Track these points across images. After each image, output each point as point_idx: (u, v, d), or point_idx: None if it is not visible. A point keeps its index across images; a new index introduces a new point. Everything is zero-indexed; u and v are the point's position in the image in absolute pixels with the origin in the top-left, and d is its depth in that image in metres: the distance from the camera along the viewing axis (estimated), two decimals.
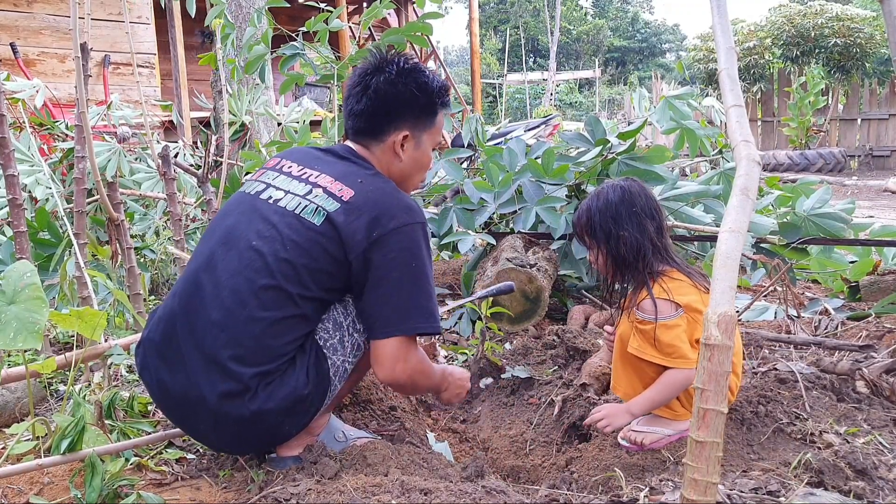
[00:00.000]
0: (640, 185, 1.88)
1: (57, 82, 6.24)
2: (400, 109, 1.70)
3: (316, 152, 1.74)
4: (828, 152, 11.85)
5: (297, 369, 1.54)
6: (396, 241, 1.54)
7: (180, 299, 1.58)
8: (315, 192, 1.59)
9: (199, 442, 1.74)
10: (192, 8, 3.64)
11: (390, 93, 1.68)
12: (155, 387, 1.60)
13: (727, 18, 1.52)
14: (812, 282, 3.79)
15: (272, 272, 1.51)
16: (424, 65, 1.79)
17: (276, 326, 1.51)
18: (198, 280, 1.57)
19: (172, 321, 1.57)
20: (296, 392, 1.52)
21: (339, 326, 1.60)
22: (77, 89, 2.47)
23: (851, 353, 2.29)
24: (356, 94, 1.71)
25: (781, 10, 15.57)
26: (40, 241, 3.17)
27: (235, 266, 1.54)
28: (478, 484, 1.52)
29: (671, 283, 1.79)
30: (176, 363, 1.55)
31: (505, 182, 3.38)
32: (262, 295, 1.50)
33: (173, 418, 1.66)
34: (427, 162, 1.79)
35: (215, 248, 1.60)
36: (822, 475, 1.49)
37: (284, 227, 1.55)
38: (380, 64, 1.71)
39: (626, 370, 1.89)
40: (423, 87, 1.70)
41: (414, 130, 1.72)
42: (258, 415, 1.50)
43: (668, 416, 1.85)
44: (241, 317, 1.50)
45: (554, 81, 26.67)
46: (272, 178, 1.69)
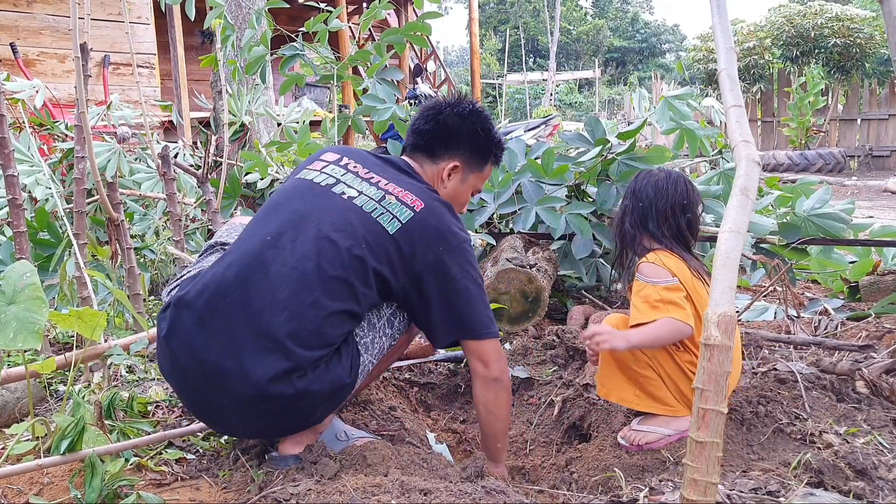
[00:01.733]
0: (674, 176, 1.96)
1: (57, 82, 6.24)
2: (459, 141, 1.84)
3: (375, 158, 1.83)
4: (827, 152, 11.85)
5: (342, 359, 1.59)
6: (462, 253, 1.68)
7: (238, 270, 1.57)
8: (388, 198, 1.67)
9: (210, 424, 1.70)
10: (191, 11, 3.64)
11: (457, 125, 1.83)
12: (182, 352, 1.55)
13: (727, 18, 1.52)
14: (812, 282, 3.79)
15: (344, 265, 1.56)
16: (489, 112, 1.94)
17: (335, 317, 1.55)
18: (262, 256, 1.58)
19: (223, 290, 1.55)
20: (340, 379, 1.58)
21: (373, 328, 1.68)
22: (77, 89, 2.47)
23: (851, 353, 2.29)
24: (426, 117, 1.86)
25: (781, 10, 15.57)
26: (40, 242, 3.17)
27: (307, 251, 1.57)
28: (477, 484, 1.52)
29: (667, 258, 1.85)
30: (217, 332, 1.52)
31: (505, 182, 3.38)
32: (331, 284, 1.55)
33: (188, 389, 1.61)
34: (464, 201, 1.93)
35: (284, 228, 1.62)
36: (821, 475, 1.49)
37: (360, 226, 1.61)
38: (458, 101, 1.87)
39: (613, 373, 1.89)
40: (487, 132, 1.87)
41: (465, 165, 1.86)
42: (303, 393, 1.52)
43: (666, 414, 1.84)
44: (307, 300, 1.53)
45: (554, 82, 26.68)
46: (340, 173, 1.74)
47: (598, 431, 2.03)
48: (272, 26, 3.82)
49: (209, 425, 1.74)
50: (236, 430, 1.68)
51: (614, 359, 1.87)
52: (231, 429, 1.68)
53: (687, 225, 1.93)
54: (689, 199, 1.94)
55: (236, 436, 1.77)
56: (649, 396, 1.84)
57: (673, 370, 1.83)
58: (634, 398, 1.87)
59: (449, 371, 2.63)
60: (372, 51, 3.65)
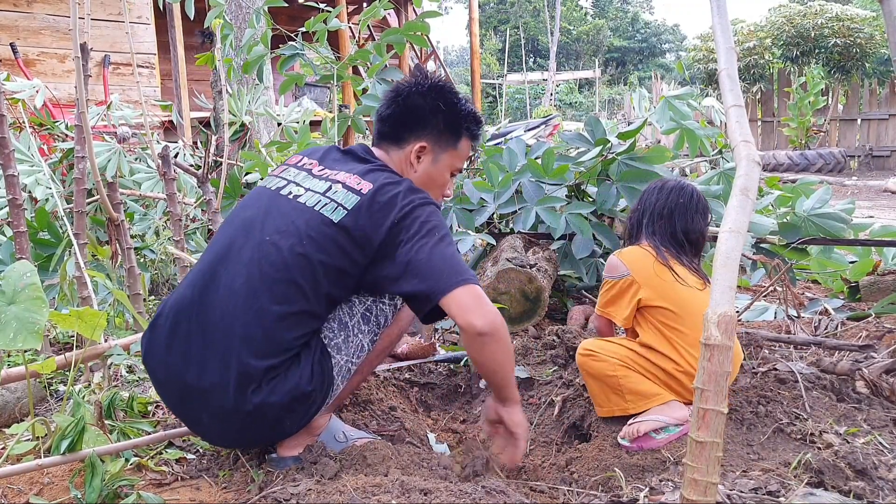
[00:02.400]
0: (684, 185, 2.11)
1: (57, 82, 6.24)
2: (423, 120, 1.76)
3: (336, 153, 1.79)
4: (828, 152, 11.84)
5: (301, 365, 1.55)
6: (415, 217, 1.57)
7: (194, 288, 1.59)
8: (334, 188, 1.62)
9: (196, 434, 1.72)
10: (191, 11, 3.64)
11: (418, 103, 1.76)
12: (159, 373, 1.60)
13: (727, 18, 1.52)
14: (812, 282, 3.79)
15: (287, 266, 1.53)
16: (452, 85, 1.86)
17: (287, 320, 1.52)
18: (214, 270, 1.59)
19: (185, 309, 1.58)
20: (298, 388, 1.53)
21: (345, 326, 1.63)
22: (77, 89, 2.47)
23: (851, 353, 2.29)
24: (388, 101, 1.79)
25: (781, 10, 15.57)
26: (40, 242, 3.17)
27: (251, 257, 1.56)
28: (477, 484, 1.52)
29: (633, 249, 2.05)
30: (184, 351, 1.55)
31: (505, 182, 3.38)
32: (276, 288, 1.52)
33: (174, 406, 1.65)
34: (441, 182, 1.82)
35: (234, 239, 1.62)
36: (821, 475, 1.49)
37: (302, 223, 1.57)
38: (418, 79, 1.79)
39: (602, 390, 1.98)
40: (451, 106, 1.77)
41: (433, 145, 1.78)
42: (260, 408, 1.51)
43: (657, 402, 1.89)
44: (254, 308, 1.51)
45: (554, 81, 26.67)
46: (293, 175, 1.73)
47: (598, 431, 2.03)
48: (271, 26, 3.82)
49: (201, 437, 1.75)
50: (221, 441, 1.70)
51: (591, 376, 1.99)
52: (217, 441, 1.70)
53: (684, 231, 2.04)
54: (691, 207, 2.05)
55: (223, 446, 1.77)
56: (636, 395, 1.91)
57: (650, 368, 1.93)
58: (627, 404, 1.92)
59: (449, 371, 2.63)
60: (372, 50, 3.65)
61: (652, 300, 1.94)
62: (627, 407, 1.92)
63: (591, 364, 1.96)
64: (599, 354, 1.96)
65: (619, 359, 1.93)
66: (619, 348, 1.96)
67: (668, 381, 1.91)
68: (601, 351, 1.96)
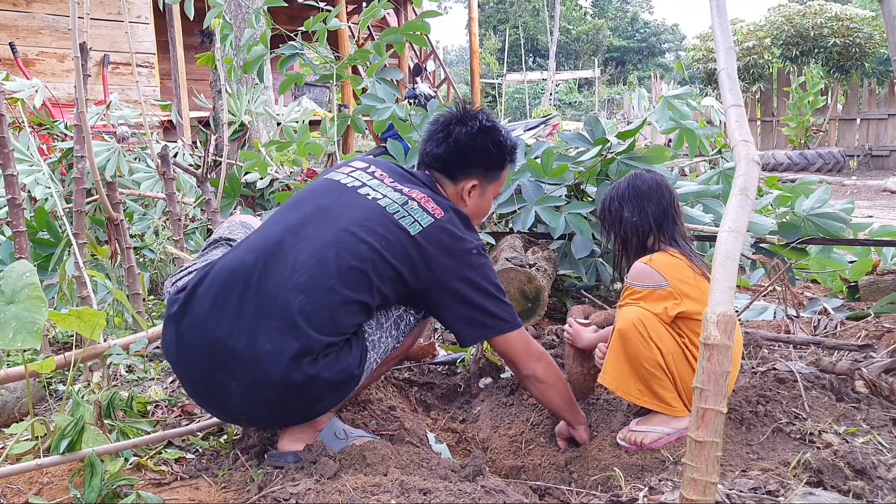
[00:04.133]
0: (652, 175, 1.98)
1: (56, 82, 6.24)
2: (474, 161, 1.87)
3: (401, 170, 1.87)
4: (827, 152, 11.85)
5: (353, 350, 1.61)
6: (477, 258, 1.73)
7: (257, 255, 1.61)
8: (411, 203, 1.72)
9: (209, 408, 1.70)
10: (190, 11, 3.64)
11: (469, 145, 1.85)
12: (190, 335, 1.58)
13: (726, 18, 1.52)
14: (811, 282, 3.79)
15: (363, 258, 1.60)
16: (495, 119, 1.94)
17: (350, 306, 1.59)
18: (281, 242, 1.63)
19: (241, 273, 1.59)
20: (349, 369, 1.59)
21: (381, 326, 1.70)
22: (76, 89, 2.47)
23: (851, 352, 2.29)
24: (437, 139, 1.87)
25: (781, 9, 15.57)
26: (39, 241, 3.17)
27: (328, 239, 1.61)
28: (477, 484, 1.52)
29: (664, 256, 1.85)
30: (231, 313, 1.55)
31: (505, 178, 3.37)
32: (348, 274, 1.58)
33: (194, 372, 1.61)
34: (486, 209, 1.98)
35: (308, 219, 1.67)
36: (821, 475, 1.49)
37: (381, 225, 1.65)
38: (463, 117, 1.88)
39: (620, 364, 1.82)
40: (499, 146, 1.88)
41: (482, 181, 1.90)
42: (310, 381, 1.53)
43: (666, 412, 1.82)
44: (324, 286, 1.56)
45: (553, 81, 26.67)
46: (365, 178, 1.79)
47: (598, 431, 2.03)
48: (271, 25, 3.81)
49: (210, 411, 1.73)
50: (239, 416, 1.67)
51: (625, 350, 1.79)
52: (234, 415, 1.67)
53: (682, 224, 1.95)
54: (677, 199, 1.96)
55: (237, 422, 1.78)
56: (652, 394, 1.81)
57: (686, 375, 1.79)
58: (636, 392, 1.81)
59: (448, 370, 2.63)
60: (371, 50, 3.65)
61: (696, 314, 1.76)
62: (632, 395, 1.82)
63: (637, 343, 1.76)
64: (651, 338, 1.76)
65: (664, 354, 1.77)
66: (671, 341, 1.78)
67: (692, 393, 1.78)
68: (654, 334, 1.76)
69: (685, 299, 1.78)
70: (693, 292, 1.78)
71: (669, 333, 1.79)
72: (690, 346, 1.80)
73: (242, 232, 1.97)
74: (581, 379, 2.16)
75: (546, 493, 1.83)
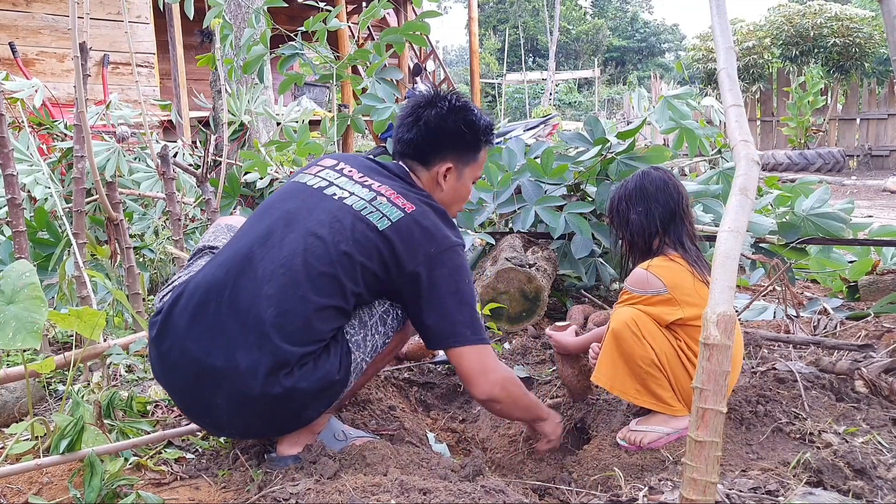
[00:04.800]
0: (661, 174, 1.95)
1: (56, 82, 6.24)
2: (446, 143, 1.81)
3: (372, 164, 1.83)
4: (827, 152, 11.85)
5: (331, 356, 1.59)
6: (450, 258, 1.66)
7: (228, 270, 1.60)
8: (379, 199, 1.67)
9: (201, 424, 1.70)
10: (190, 11, 3.64)
11: (440, 127, 1.79)
12: (172, 355, 1.58)
13: (726, 18, 1.52)
14: (811, 281, 3.79)
15: (332, 261, 1.57)
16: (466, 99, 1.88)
17: (323, 312, 1.56)
18: (250, 254, 1.61)
19: (214, 289, 1.58)
20: (328, 376, 1.57)
21: (364, 325, 1.67)
22: (76, 89, 2.46)
23: (850, 352, 2.29)
24: (407, 124, 1.82)
25: (780, 9, 15.58)
26: (39, 241, 3.17)
27: (295, 247, 1.59)
28: (477, 484, 1.52)
29: (664, 262, 1.83)
30: (209, 333, 1.55)
31: (504, 182, 3.38)
32: (318, 280, 1.56)
33: (182, 393, 1.62)
34: (466, 194, 1.90)
35: (274, 226, 1.65)
36: (821, 475, 1.49)
37: (349, 224, 1.62)
38: (433, 99, 1.82)
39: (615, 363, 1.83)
40: (471, 125, 1.82)
41: (457, 163, 1.83)
42: (289, 392, 1.52)
43: (665, 412, 1.83)
44: (295, 295, 1.54)
45: (553, 81, 26.67)
46: (333, 177, 1.76)
47: (598, 431, 2.03)
48: (271, 25, 3.81)
49: (203, 427, 1.73)
50: (229, 430, 1.67)
51: (619, 350, 1.80)
52: (224, 429, 1.67)
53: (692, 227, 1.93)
54: (686, 199, 1.94)
55: (230, 436, 1.76)
56: (650, 393, 1.81)
57: (681, 375, 1.81)
58: (634, 392, 1.82)
59: (448, 370, 2.63)
60: (371, 50, 3.65)
61: (693, 320, 1.77)
62: (630, 394, 1.83)
63: (631, 342, 1.78)
64: (644, 337, 1.78)
65: (657, 353, 1.78)
66: (664, 341, 1.79)
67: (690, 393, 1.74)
68: (647, 333, 1.78)
69: (684, 306, 1.78)
70: (691, 299, 1.78)
71: (663, 334, 1.80)
72: (686, 350, 1.80)
73: (226, 237, 1.95)
74: (574, 380, 2.16)
75: (546, 493, 1.83)
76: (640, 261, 1.91)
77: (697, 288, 1.79)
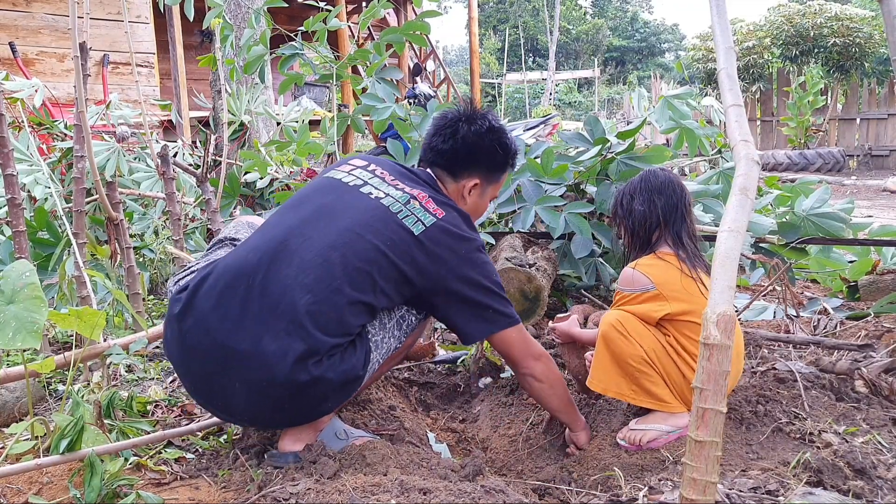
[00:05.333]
0: (666, 173, 2.00)
1: (56, 82, 6.24)
2: (479, 160, 1.88)
3: (401, 168, 1.87)
4: (827, 152, 11.85)
5: (357, 351, 1.62)
6: (478, 257, 1.75)
7: (262, 255, 1.62)
8: (413, 203, 1.72)
9: (211, 408, 1.69)
10: (190, 11, 3.64)
11: (476, 144, 1.86)
12: (192, 336, 1.58)
13: (726, 18, 1.52)
14: (811, 281, 3.79)
15: (369, 259, 1.61)
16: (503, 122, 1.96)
17: (355, 307, 1.59)
18: (286, 241, 1.63)
19: (245, 273, 1.60)
20: (353, 370, 1.60)
21: (384, 327, 1.70)
22: (76, 89, 2.47)
23: (850, 352, 2.29)
24: (444, 135, 1.87)
25: (780, 9, 15.58)
26: (39, 241, 3.17)
27: (334, 240, 1.61)
28: (477, 483, 1.52)
29: (652, 260, 1.89)
30: (234, 314, 1.55)
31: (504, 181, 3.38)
32: (355, 274, 1.59)
33: (196, 372, 1.62)
34: (483, 210, 1.99)
35: (311, 218, 1.68)
36: (820, 474, 1.49)
37: (385, 224, 1.65)
38: (472, 115, 1.88)
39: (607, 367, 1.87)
40: (505, 148, 1.90)
41: (484, 181, 1.90)
42: (315, 381, 1.53)
43: (663, 409, 1.84)
44: (331, 286, 1.56)
45: (553, 81, 26.67)
46: (367, 177, 1.79)
47: (598, 431, 2.03)
48: (271, 25, 3.81)
49: (211, 410, 1.72)
50: (241, 416, 1.67)
51: (609, 351, 1.84)
52: (236, 415, 1.67)
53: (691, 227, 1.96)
54: (689, 200, 1.97)
55: (239, 423, 1.78)
56: (646, 392, 1.83)
57: (672, 371, 1.83)
58: (631, 392, 1.84)
59: (448, 370, 2.63)
60: (371, 50, 3.65)
61: (681, 315, 1.82)
62: (627, 395, 1.85)
63: (619, 342, 1.82)
64: (631, 336, 1.81)
65: (647, 350, 1.81)
66: (651, 339, 1.82)
67: (683, 387, 1.82)
68: (633, 332, 1.82)
69: (672, 301, 1.82)
70: (679, 294, 1.82)
71: (650, 332, 1.84)
72: (675, 345, 1.83)
73: (248, 232, 1.97)
74: (582, 370, 2.18)
75: (546, 493, 1.83)
76: (640, 254, 1.95)
77: (685, 284, 1.84)
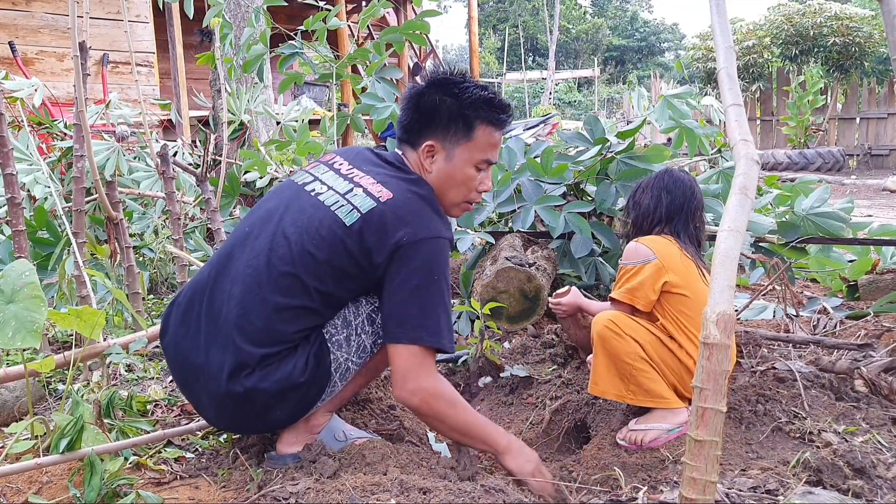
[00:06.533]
0: (684, 176, 2.06)
1: (56, 81, 6.23)
2: (430, 118, 1.69)
3: (369, 154, 1.77)
4: (826, 151, 11.85)
5: (296, 357, 1.56)
6: (425, 250, 1.55)
7: (211, 269, 1.66)
8: (355, 190, 1.62)
9: (199, 413, 1.76)
10: (189, 10, 3.64)
11: (421, 102, 1.70)
12: (170, 351, 1.67)
13: (726, 17, 1.52)
14: (811, 281, 3.79)
15: (294, 261, 1.56)
16: (461, 72, 1.74)
17: (287, 313, 1.55)
18: (230, 255, 1.65)
19: (200, 289, 1.65)
20: (290, 378, 1.55)
21: (348, 324, 1.63)
22: (76, 88, 2.46)
23: (850, 351, 2.29)
24: (402, 106, 1.76)
25: (780, 9, 15.57)
26: (39, 240, 3.17)
27: (263, 247, 1.60)
28: (477, 483, 1.52)
29: (653, 237, 1.97)
30: (192, 331, 1.62)
31: (504, 181, 3.38)
32: (280, 280, 1.55)
33: (181, 385, 1.71)
34: (462, 179, 1.71)
35: (252, 227, 1.67)
36: (820, 474, 1.50)
37: (317, 221, 1.59)
38: (427, 78, 1.74)
39: (606, 369, 1.89)
40: (455, 96, 1.67)
41: (442, 141, 1.69)
42: (250, 393, 1.53)
43: (661, 406, 1.85)
44: (257, 296, 1.55)
45: (553, 80, 26.66)
46: (321, 172, 1.74)
47: (598, 431, 2.03)
48: (271, 24, 3.81)
49: (204, 419, 1.78)
50: (217, 423, 1.72)
51: (605, 351, 1.87)
52: (214, 422, 1.72)
53: (696, 227, 2.03)
54: (699, 202, 2.03)
55: (222, 429, 1.82)
56: (643, 391, 1.85)
57: (669, 361, 1.86)
58: (628, 393, 1.87)
59: (448, 370, 2.63)
60: (371, 49, 3.65)
61: (677, 286, 1.88)
62: (626, 396, 1.87)
63: (613, 341, 1.84)
64: (624, 334, 1.84)
65: (642, 345, 1.84)
66: (644, 332, 1.86)
67: (682, 375, 1.86)
68: (626, 329, 1.85)
69: (671, 272, 1.89)
70: (678, 268, 1.90)
71: (642, 326, 1.88)
72: (667, 335, 1.89)
73: None
74: (586, 339, 2.22)
75: None
76: None
77: (684, 262, 1.92)
